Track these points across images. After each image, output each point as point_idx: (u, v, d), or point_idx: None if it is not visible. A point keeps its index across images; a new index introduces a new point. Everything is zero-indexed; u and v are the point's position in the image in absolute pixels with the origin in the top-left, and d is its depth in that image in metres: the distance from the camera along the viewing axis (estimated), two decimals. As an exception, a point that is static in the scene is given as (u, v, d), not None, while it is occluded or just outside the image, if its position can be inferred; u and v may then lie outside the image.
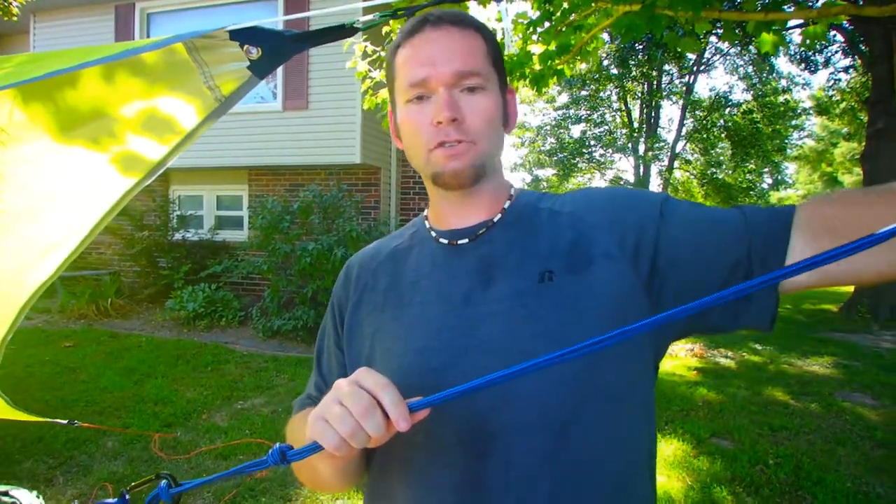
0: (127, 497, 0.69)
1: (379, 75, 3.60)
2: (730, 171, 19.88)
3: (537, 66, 2.86)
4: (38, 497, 0.97)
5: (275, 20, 0.85)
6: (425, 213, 0.93)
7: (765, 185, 21.63)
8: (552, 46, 2.73)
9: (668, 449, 3.78)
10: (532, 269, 0.77)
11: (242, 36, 0.83)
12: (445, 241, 0.85)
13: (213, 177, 8.87)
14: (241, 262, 7.34)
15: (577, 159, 19.99)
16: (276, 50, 0.84)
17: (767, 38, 2.60)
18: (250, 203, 8.55)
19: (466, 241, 0.83)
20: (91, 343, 6.42)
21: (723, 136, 18.82)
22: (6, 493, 0.97)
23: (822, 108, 19.26)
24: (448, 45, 0.77)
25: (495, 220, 0.83)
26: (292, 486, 3.15)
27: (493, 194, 0.84)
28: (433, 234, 0.87)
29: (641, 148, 18.51)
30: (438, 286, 0.81)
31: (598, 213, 0.79)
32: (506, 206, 0.85)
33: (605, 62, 16.83)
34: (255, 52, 0.84)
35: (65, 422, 1.67)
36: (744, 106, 18.17)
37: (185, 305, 7.27)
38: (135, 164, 0.99)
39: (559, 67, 2.90)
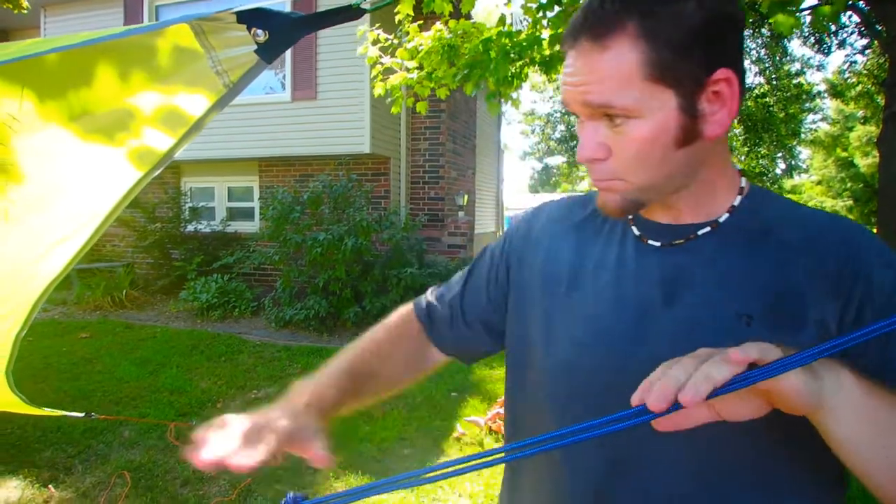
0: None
1: (390, 62, 3.58)
2: (742, 157, 19.65)
3: (547, 51, 2.83)
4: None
5: (281, 1, 0.84)
6: None
7: (778, 171, 21.39)
8: (562, 30, 2.70)
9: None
10: (728, 304, 0.65)
11: (249, 17, 0.82)
12: (637, 233, 0.75)
13: (223, 168, 8.91)
14: (253, 252, 7.38)
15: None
16: (282, 32, 0.84)
17: (783, 19, 2.55)
18: (261, 194, 8.58)
19: (659, 244, 0.72)
20: (107, 334, 6.49)
21: (735, 120, 18.62)
22: None
23: (837, 91, 18.96)
24: (581, 69, 0.63)
25: (700, 232, 0.70)
26: (307, 474, 3.18)
27: (695, 202, 0.71)
28: (630, 216, 0.77)
29: (652, 134, 18.38)
30: (618, 284, 0.73)
31: (826, 262, 0.64)
32: (721, 219, 0.70)
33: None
34: (262, 35, 0.83)
35: (81, 415, 1.69)
36: (756, 90, 17.91)
37: (199, 296, 7.33)
38: (145, 155, 0.99)
39: (569, 52, 2.87)
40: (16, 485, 3.02)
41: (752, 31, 16.01)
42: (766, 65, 17.78)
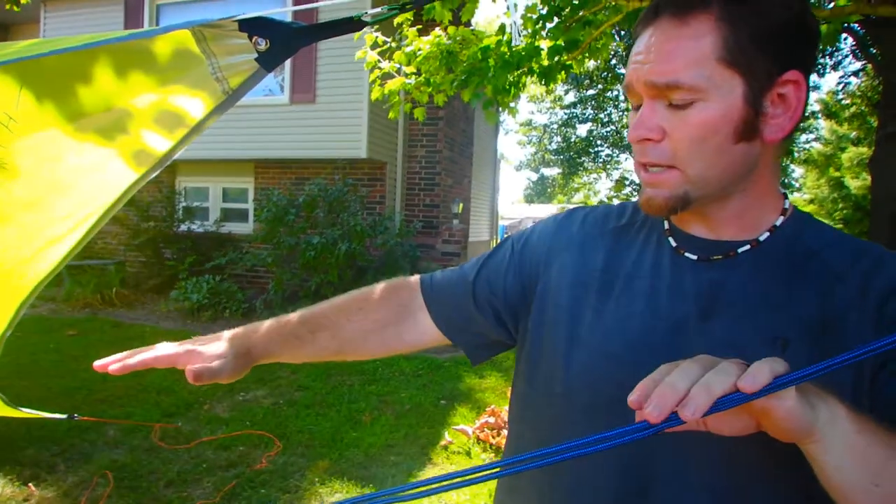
0: None
1: (388, 65, 3.59)
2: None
3: (545, 62, 2.85)
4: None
5: (283, 10, 0.84)
6: None
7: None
8: (561, 42, 2.72)
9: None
10: (765, 325, 0.64)
11: (251, 26, 0.82)
12: (675, 245, 0.73)
13: (219, 169, 8.89)
14: (246, 254, 7.36)
15: (584, 158, 19.96)
16: (284, 42, 0.83)
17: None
18: (256, 196, 8.56)
19: (696, 258, 0.70)
20: (95, 332, 6.44)
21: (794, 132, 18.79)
22: None
23: (831, 112, 19.17)
24: (652, 48, 0.63)
25: (740, 250, 0.69)
26: (292, 478, 3.15)
27: (739, 215, 0.69)
28: (666, 226, 0.76)
29: (648, 148, 18.51)
30: (652, 295, 0.71)
31: (868, 292, 0.62)
32: (762, 237, 0.69)
33: (613, 61, 16.77)
34: (264, 44, 0.83)
35: (64, 416, 1.67)
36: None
37: (190, 296, 7.29)
38: (141, 157, 0.99)
39: (568, 63, 2.89)
40: (-4, 482, 2.98)
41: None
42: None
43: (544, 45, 2.86)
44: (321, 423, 3.92)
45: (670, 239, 0.74)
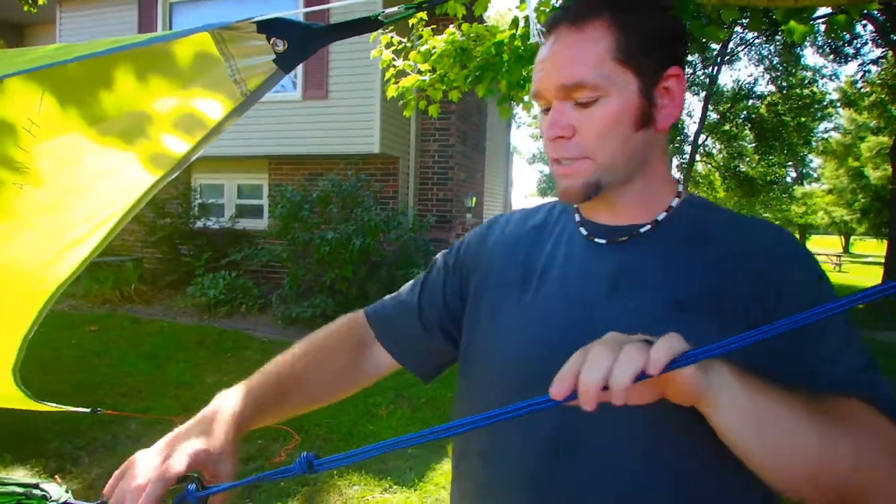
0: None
1: (402, 64, 3.59)
2: (753, 165, 19.55)
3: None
4: (66, 491, 0.99)
5: (296, 12, 0.85)
6: None
7: (789, 179, 21.28)
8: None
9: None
10: (664, 295, 0.72)
11: (269, 28, 0.83)
12: (585, 233, 0.81)
13: (233, 166, 8.95)
14: (261, 250, 7.41)
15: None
16: (301, 43, 0.84)
17: (797, 26, 2.54)
18: (270, 192, 8.62)
19: (604, 241, 0.79)
20: (114, 328, 6.55)
21: (746, 128, 18.50)
22: (36, 486, 0.98)
23: (850, 101, 18.83)
24: (557, 55, 0.72)
25: (642, 230, 0.77)
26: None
27: (637, 200, 0.78)
28: (577, 218, 0.84)
29: (663, 140, 18.28)
30: (565, 280, 0.79)
31: (753, 265, 0.71)
32: (660, 217, 0.78)
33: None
34: (282, 45, 0.84)
35: (88, 410, 1.69)
36: (768, 98, 17.83)
37: (206, 292, 7.37)
38: (160, 159, 1.00)
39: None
40: (23, 474, 3.04)
41: (765, 39, 15.95)
42: (780, 72, 17.68)
43: (537, 38, 2.83)
44: (338, 417, 3.96)
45: (581, 229, 0.82)
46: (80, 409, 1.63)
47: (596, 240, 0.79)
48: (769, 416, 0.57)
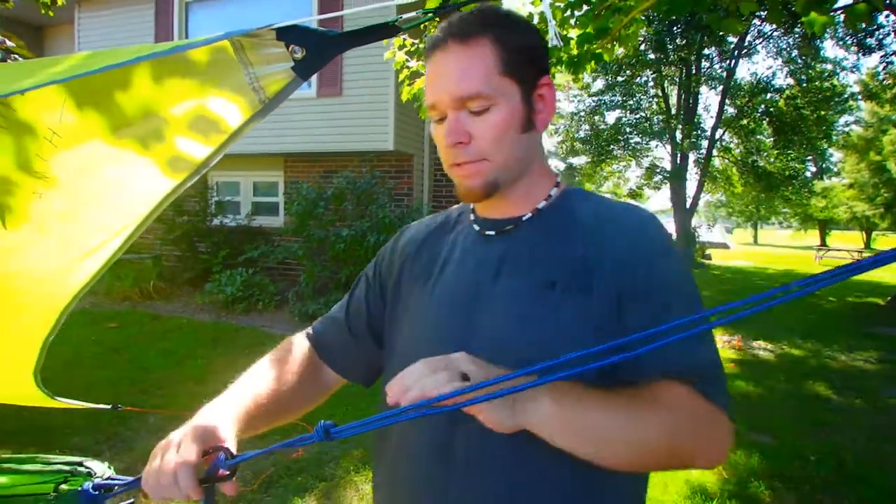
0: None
1: (416, 65, 3.59)
2: (772, 160, 19.25)
3: (574, 51, 2.80)
4: (109, 468, 1.01)
5: (310, 19, 0.85)
6: None
7: (808, 174, 20.93)
8: (590, 30, 2.67)
9: (704, 441, 3.72)
10: (538, 274, 0.81)
11: (287, 35, 0.83)
12: (478, 229, 0.91)
13: (249, 163, 9.02)
14: (277, 247, 7.47)
15: (613, 146, 19.60)
16: (319, 50, 0.84)
17: (817, 17, 2.49)
18: (286, 189, 8.67)
19: (494, 232, 0.89)
20: (134, 324, 6.64)
21: (764, 122, 18.21)
22: (80, 464, 1.01)
23: (872, 93, 18.46)
24: (449, 69, 0.79)
25: (524, 218, 0.87)
26: (327, 467, 3.21)
27: (523, 194, 0.87)
28: (472, 217, 0.94)
29: (679, 135, 18.04)
30: (459, 271, 0.89)
31: (616, 244, 0.80)
32: (540, 206, 0.88)
33: (642, 47, 16.44)
34: (300, 52, 0.84)
35: (108, 407, 1.71)
36: (787, 91, 17.53)
37: (224, 289, 7.45)
38: (179, 165, 1.00)
39: (597, 51, 2.84)
40: (46, 468, 3.10)
41: (784, 31, 15.69)
42: (798, 65, 17.38)
43: (573, 34, 2.81)
44: (354, 413, 3.98)
45: (474, 225, 0.92)
46: (101, 406, 1.65)
47: (487, 232, 0.89)
48: (587, 424, 0.67)
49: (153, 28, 8.92)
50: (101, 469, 1.02)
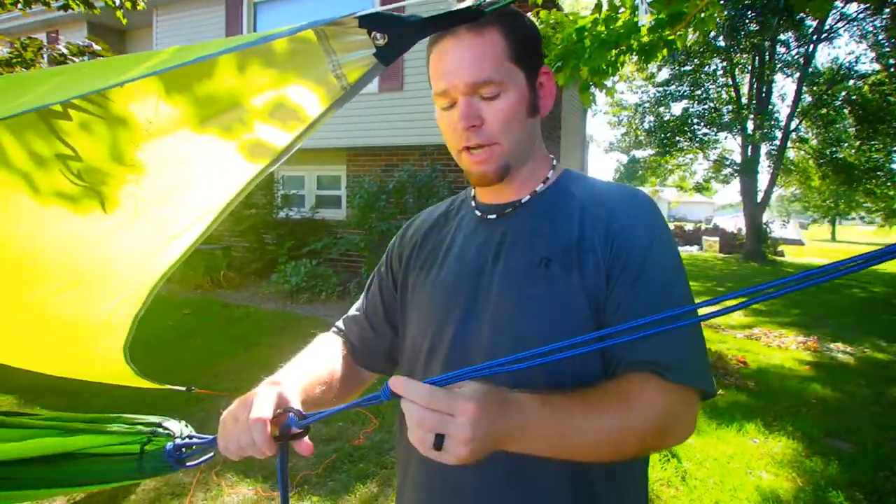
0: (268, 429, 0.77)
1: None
2: (853, 151, 18.06)
3: (646, 38, 2.71)
4: (186, 426, 1.08)
5: (389, 7, 0.86)
6: None
7: (894, 166, 19.48)
8: (663, 15, 2.58)
9: (776, 446, 3.56)
10: (536, 253, 0.85)
11: (370, 22, 0.84)
12: (479, 214, 0.96)
13: (313, 158, 9.27)
14: (340, 239, 7.64)
15: (679, 138, 18.89)
16: (401, 36, 0.85)
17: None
18: (348, 183, 8.86)
19: (495, 216, 0.93)
20: (206, 312, 6.97)
21: (846, 111, 17.08)
22: (160, 425, 1.08)
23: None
24: (462, 56, 0.82)
25: (523, 200, 0.91)
26: (388, 454, 3.27)
27: (525, 177, 0.92)
28: (473, 204, 0.98)
29: (750, 126, 17.19)
30: (463, 254, 0.93)
31: (606, 221, 0.84)
32: (538, 188, 0.92)
33: (712, 34, 15.73)
34: (382, 39, 0.85)
35: (183, 389, 1.82)
36: (872, 77, 16.36)
37: (289, 279, 7.70)
38: (261, 152, 1.04)
39: (670, 38, 2.73)
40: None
41: (871, 12, 14.65)
42: (886, 49, 16.18)
43: (644, 20, 2.73)
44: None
45: (476, 211, 0.96)
46: (177, 388, 1.75)
47: (488, 217, 0.94)
48: (557, 436, 0.70)
49: (224, 27, 9.29)
50: (179, 429, 1.09)
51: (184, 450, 1.03)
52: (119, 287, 1.17)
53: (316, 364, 1.00)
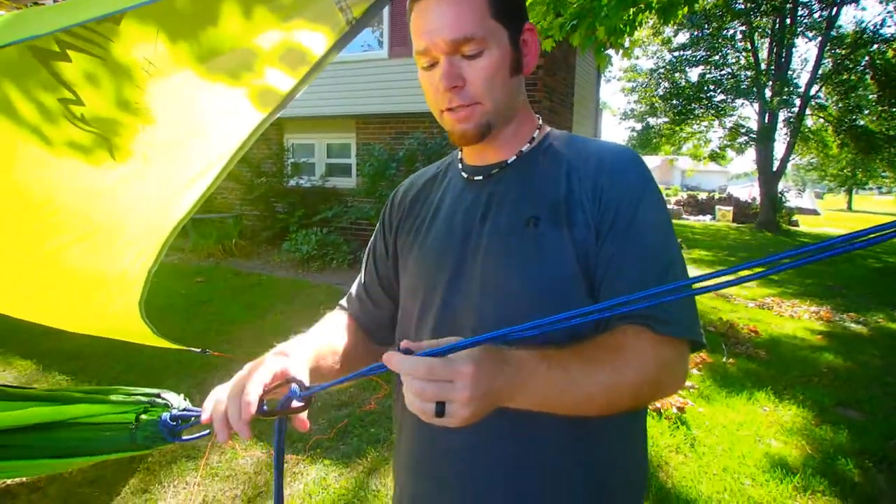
0: (265, 406, 0.76)
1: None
2: (874, 118, 17.62)
3: (665, -4, 2.62)
4: (185, 399, 1.09)
5: None
6: None
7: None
8: (682, -26, 2.48)
9: (787, 415, 3.56)
10: (523, 212, 0.85)
11: None
12: (466, 176, 0.95)
13: (323, 125, 9.20)
14: (350, 207, 7.63)
15: (694, 105, 18.50)
16: None
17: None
18: (358, 151, 8.80)
19: (481, 177, 0.93)
20: (218, 279, 7.03)
21: (868, 77, 16.60)
22: (158, 395, 1.09)
23: None
24: (444, 14, 0.80)
25: (509, 161, 0.91)
26: (399, 420, 3.32)
27: (510, 137, 0.91)
28: (460, 166, 0.98)
29: (768, 93, 16.78)
30: (450, 217, 0.93)
31: (594, 177, 0.84)
32: (524, 148, 0.91)
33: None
34: None
35: (199, 350, 1.84)
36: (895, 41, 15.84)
37: (300, 248, 7.73)
38: (267, 96, 1.02)
39: (691, -4, 2.64)
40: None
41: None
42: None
43: None
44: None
45: (462, 174, 0.96)
46: (193, 349, 1.78)
47: (475, 178, 0.93)
48: (555, 390, 0.70)
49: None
50: (177, 401, 1.09)
51: (179, 421, 1.04)
52: (134, 239, 1.17)
53: (327, 336, 1.00)
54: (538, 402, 0.70)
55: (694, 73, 18.84)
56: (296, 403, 0.75)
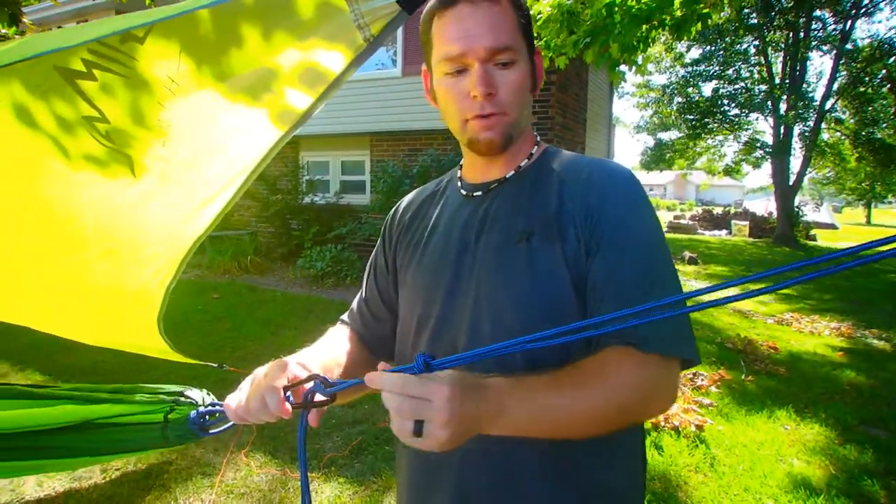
0: (290, 396, 0.78)
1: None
2: (891, 132, 17.40)
3: (679, 12, 2.62)
4: (208, 395, 1.10)
5: None
6: (461, 162, 1.03)
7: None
8: (695, -10, 2.49)
9: (809, 433, 3.48)
10: (516, 228, 0.86)
11: None
12: (465, 193, 0.96)
13: (337, 143, 9.29)
14: (364, 224, 7.67)
15: (708, 119, 18.41)
16: None
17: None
18: (372, 168, 8.87)
19: (480, 193, 0.94)
20: (234, 296, 7.08)
21: (885, 89, 16.44)
22: (182, 394, 1.10)
23: None
24: (482, 21, 0.81)
25: (507, 176, 0.92)
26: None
27: (513, 153, 0.92)
28: (459, 184, 0.99)
29: (783, 107, 16.66)
30: (448, 233, 0.94)
31: (584, 193, 0.84)
32: (522, 164, 0.92)
33: (745, 10, 15.22)
34: None
35: (215, 365, 1.86)
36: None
37: (314, 264, 7.77)
38: (285, 114, 1.03)
39: (704, 11, 2.64)
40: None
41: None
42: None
43: None
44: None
45: (461, 190, 0.97)
46: (210, 364, 1.79)
47: (474, 194, 0.94)
48: (534, 417, 0.70)
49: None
50: (201, 397, 1.10)
51: (207, 417, 1.05)
52: (153, 255, 1.18)
53: (331, 349, 1.01)
54: (517, 427, 0.70)
55: (707, 88, 18.78)
56: (319, 397, 0.76)
